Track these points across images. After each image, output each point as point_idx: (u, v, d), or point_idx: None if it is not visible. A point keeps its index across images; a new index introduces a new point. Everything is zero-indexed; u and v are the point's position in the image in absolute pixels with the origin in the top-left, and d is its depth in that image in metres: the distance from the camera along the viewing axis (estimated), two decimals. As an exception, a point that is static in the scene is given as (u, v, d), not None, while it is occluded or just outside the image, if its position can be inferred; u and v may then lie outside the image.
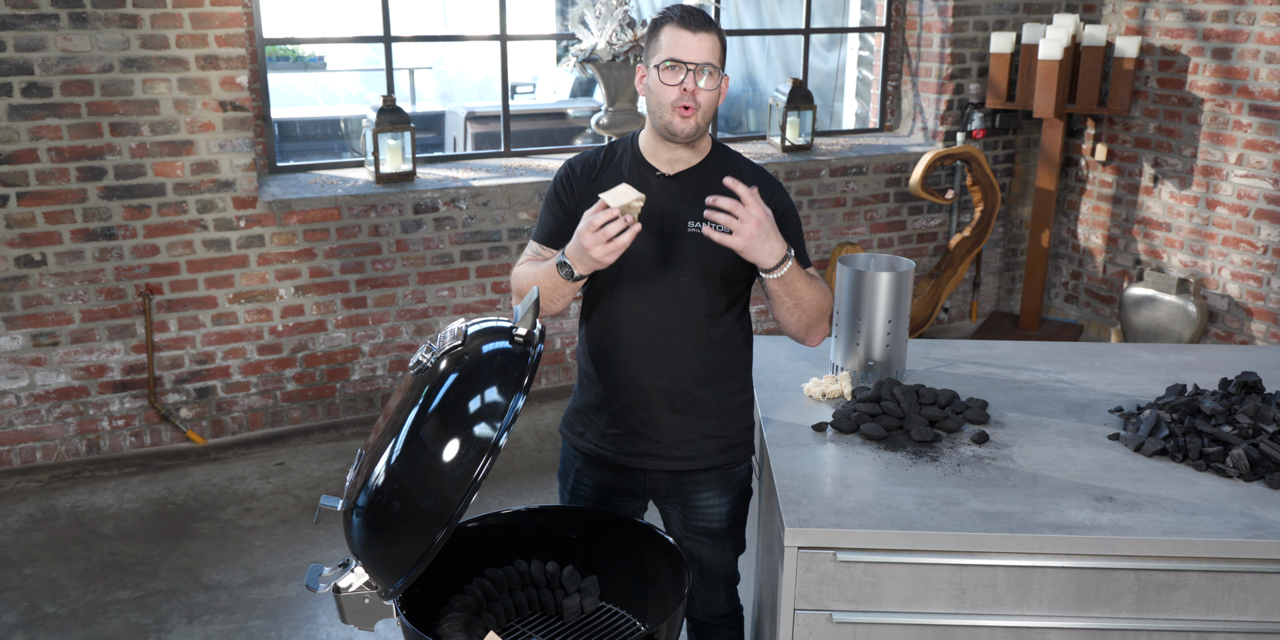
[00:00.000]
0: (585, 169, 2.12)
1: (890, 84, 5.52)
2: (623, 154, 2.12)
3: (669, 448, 2.15)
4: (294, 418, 4.44)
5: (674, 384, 2.11)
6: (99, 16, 3.74)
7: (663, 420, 2.13)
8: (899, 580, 1.90)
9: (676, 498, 2.19)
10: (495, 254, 4.58)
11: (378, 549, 1.75)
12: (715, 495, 2.18)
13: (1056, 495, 2.00)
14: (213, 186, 4.06)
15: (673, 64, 1.97)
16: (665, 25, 1.99)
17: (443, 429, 1.73)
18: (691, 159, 2.07)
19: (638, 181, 2.06)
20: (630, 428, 2.14)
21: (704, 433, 2.15)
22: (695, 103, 1.97)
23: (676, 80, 1.97)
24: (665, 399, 2.12)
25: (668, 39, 1.98)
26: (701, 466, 2.16)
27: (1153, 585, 1.89)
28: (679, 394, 2.12)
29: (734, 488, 2.20)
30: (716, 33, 1.99)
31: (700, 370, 2.11)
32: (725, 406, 2.16)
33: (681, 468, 2.16)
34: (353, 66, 8.96)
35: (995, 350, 2.78)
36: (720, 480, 2.18)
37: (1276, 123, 4.50)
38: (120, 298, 4.04)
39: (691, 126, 1.99)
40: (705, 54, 1.96)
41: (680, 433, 2.14)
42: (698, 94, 1.97)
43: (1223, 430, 2.12)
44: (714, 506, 2.19)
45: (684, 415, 2.13)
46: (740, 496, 2.23)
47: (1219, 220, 4.82)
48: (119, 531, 3.60)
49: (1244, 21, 4.56)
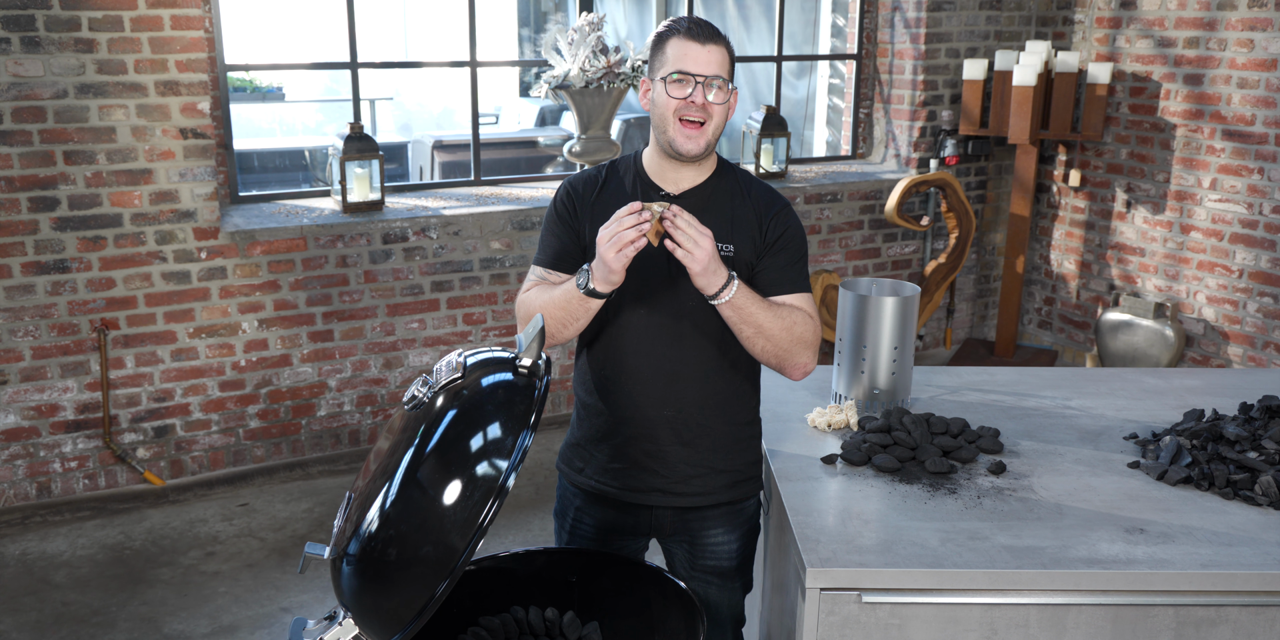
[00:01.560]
0: (587, 187, 2.02)
1: (862, 111, 5.49)
2: (625, 172, 2.02)
3: (676, 483, 2.02)
4: (257, 456, 4.26)
5: (682, 414, 2.00)
6: (53, 40, 3.58)
7: (670, 453, 2.01)
8: (927, 622, 1.78)
9: (683, 535, 2.07)
10: (467, 284, 4.45)
11: (372, 600, 1.60)
12: (724, 532, 2.06)
13: (1085, 528, 1.90)
14: (172, 217, 3.90)
15: (680, 77, 1.87)
16: (672, 37, 1.90)
17: (443, 470, 1.59)
18: (697, 177, 1.98)
19: (642, 201, 1.96)
20: (635, 462, 2.02)
21: (713, 467, 2.03)
22: (707, 115, 1.88)
23: (684, 93, 1.88)
24: (672, 430, 2.00)
25: (675, 51, 1.89)
26: (710, 502, 2.04)
27: (1192, 621, 1.79)
28: (687, 425, 2.00)
29: (743, 523, 2.09)
30: (725, 45, 1.90)
31: (710, 399, 2.00)
32: (734, 438, 2.04)
33: (689, 504, 2.03)
34: (312, 97, 8.82)
35: (997, 377, 2.70)
36: (729, 516, 2.06)
37: (1250, 147, 4.51)
38: (74, 333, 3.85)
39: (700, 146, 1.90)
40: (714, 66, 1.88)
41: (688, 467, 2.02)
42: (708, 107, 1.88)
43: (1249, 456, 2.04)
44: (723, 544, 2.06)
45: (692, 448, 2.01)
46: (749, 533, 2.11)
47: (1193, 245, 4.82)
48: (72, 580, 3.39)
49: (1215, 47, 4.58)
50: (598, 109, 4.60)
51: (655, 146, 1.97)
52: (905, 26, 5.17)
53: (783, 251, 1.99)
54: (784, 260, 1.99)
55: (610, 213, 1.94)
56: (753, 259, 1.98)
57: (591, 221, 1.97)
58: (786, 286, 1.98)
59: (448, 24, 8.73)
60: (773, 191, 2.04)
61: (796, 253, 2.01)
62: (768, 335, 1.90)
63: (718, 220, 1.96)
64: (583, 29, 4.45)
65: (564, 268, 2.00)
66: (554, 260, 2.01)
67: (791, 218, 2.02)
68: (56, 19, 3.57)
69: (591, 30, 4.44)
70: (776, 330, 1.89)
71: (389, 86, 8.75)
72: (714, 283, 1.81)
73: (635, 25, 8.11)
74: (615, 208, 1.95)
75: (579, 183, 2.03)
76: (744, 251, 1.97)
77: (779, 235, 1.98)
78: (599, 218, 1.94)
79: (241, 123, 8.22)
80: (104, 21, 3.64)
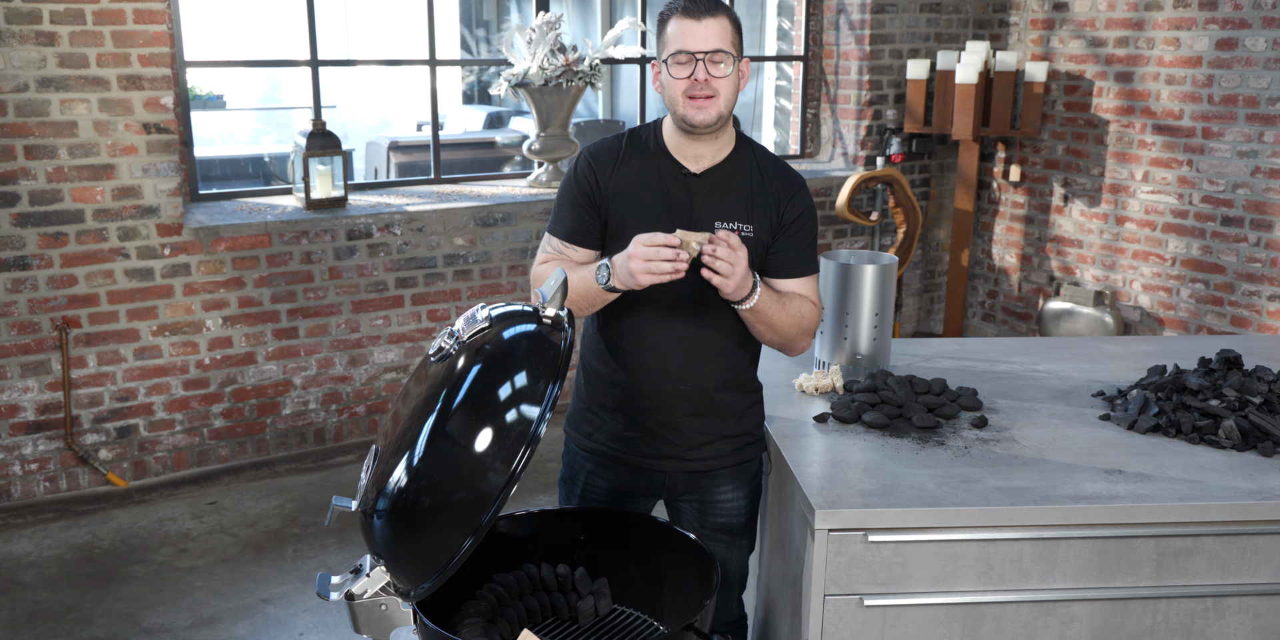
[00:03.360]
0: (609, 156, 2.02)
1: (810, 112, 5.64)
2: (647, 139, 2.03)
3: (689, 450, 2.08)
4: (222, 456, 4.22)
5: (698, 389, 2.04)
6: (13, 33, 3.55)
7: (684, 424, 2.06)
8: (928, 559, 1.88)
9: (694, 494, 2.13)
10: (430, 281, 4.48)
11: (405, 547, 1.64)
12: (733, 488, 2.13)
13: (1068, 471, 2.01)
14: (135, 213, 3.88)
15: (681, 55, 1.90)
16: (671, 17, 1.93)
17: (474, 419, 1.63)
18: (717, 155, 2.00)
19: (664, 177, 1.99)
20: (649, 431, 2.07)
21: (723, 434, 2.09)
22: (712, 90, 1.90)
23: (687, 73, 1.90)
24: (688, 403, 2.05)
25: (674, 30, 1.92)
26: (720, 466, 2.11)
27: (1171, 552, 1.91)
28: (702, 399, 2.05)
29: (749, 480, 2.16)
30: (726, 16, 1.92)
31: (724, 374, 2.06)
32: (743, 406, 2.11)
33: (701, 468, 2.10)
34: (251, 105, 8.75)
35: (967, 346, 2.83)
36: (737, 474, 2.13)
37: (1179, 141, 4.75)
38: (34, 332, 3.79)
39: (712, 116, 1.92)
40: (714, 40, 1.90)
41: (700, 435, 2.08)
42: (712, 82, 1.90)
43: (1211, 404, 2.18)
44: (732, 501, 2.13)
45: (705, 418, 2.07)
46: (754, 491, 2.18)
47: (1128, 235, 5.04)
48: (42, 579, 3.34)
49: (1144, 46, 4.82)
50: (556, 107, 4.67)
51: (671, 123, 1.99)
52: (850, 28, 5.34)
53: (797, 235, 2.02)
54: (797, 244, 2.02)
55: (635, 186, 1.98)
56: (768, 239, 2.01)
57: (614, 196, 1.99)
58: (799, 270, 2.03)
59: (389, 28, 8.74)
60: (789, 171, 2.06)
61: (810, 235, 2.05)
62: (778, 330, 1.98)
63: (737, 201, 1.99)
64: (541, 28, 4.52)
65: (580, 242, 2.02)
66: (571, 233, 2.02)
67: (807, 199, 2.04)
68: (17, 11, 3.55)
69: (549, 29, 4.52)
70: (787, 326, 1.98)
71: (331, 96, 8.72)
72: (740, 294, 1.88)
73: (579, 29, 8.21)
74: (639, 182, 1.98)
75: (600, 153, 2.03)
76: (762, 232, 2.00)
77: (795, 217, 2.01)
78: (620, 194, 1.97)
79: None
80: (65, 14, 3.62)
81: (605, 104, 7.26)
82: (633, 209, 1.99)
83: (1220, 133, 4.58)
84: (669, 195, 1.99)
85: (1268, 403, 2.18)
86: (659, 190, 1.99)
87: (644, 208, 1.98)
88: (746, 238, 1.99)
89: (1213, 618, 1.95)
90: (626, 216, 1.99)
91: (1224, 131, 4.57)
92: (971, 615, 1.91)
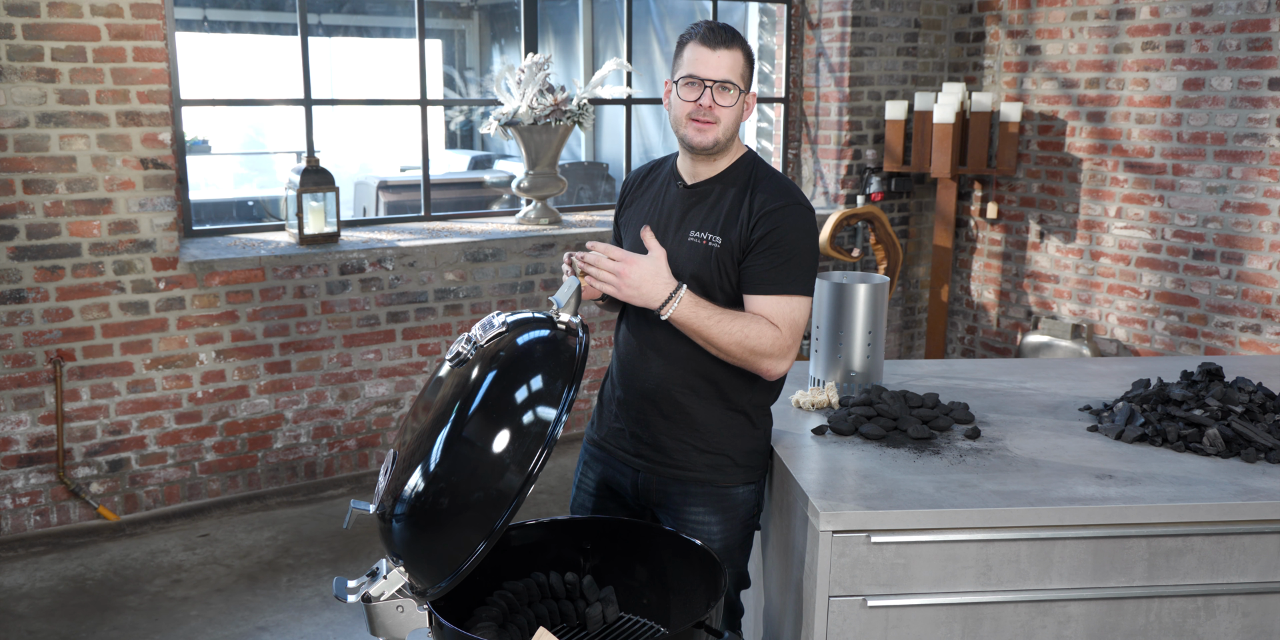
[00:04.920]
0: (635, 176, 2.30)
1: (791, 152, 5.78)
2: (669, 165, 2.23)
3: (656, 452, 2.14)
4: (213, 490, 4.22)
5: (659, 390, 2.11)
6: (15, 70, 3.63)
7: (653, 424, 2.14)
8: (929, 560, 1.93)
9: (668, 508, 2.16)
10: (422, 315, 4.53)
11: (424, 547, 1.68)
12: (706, 512, 2.13)
13: (1060, 476, 2.08)
14: (131, 247, 3.92)
15: (691, 80, 2.02)
16: (689, 42, 2.05)
17: (492, 421, 1.69)
18: (712, 171, 2.12)
19: (666, 191, 2.18)
20: (628, 424, 2.19)
21: (693, 445, 2.12)
22: (714, 118, 2.02)
23: (694, 97, 2.02)
24: (652, 403, 2.13)
25: (689, 55, 2.04)
26: (691, 479, 2.13)
27: (1162, 551, 1.97)
28: (665, 400, 2.11)
29: (728, 509, 2.14)
30: (740, 49, 2.03)
31: (687, 380, 2.09)
32: (719, 422, 2.11)
33: (669, 475, 2.14)
34: (235, 150, 8.84)
35: (955, 367, 2.90)
36: (712, 497, 2.13)
37: (1150, 177, 4.91)
38: (28, 365, 3.81)
39: (709, 140, 2.03)
40: (724, 71, 2.00)
41: (668, 440, 2.13)
42: (715, 110, 2.01)
43: (1195, 414, 2.26)
44: (704, 524, 2.14)
45: (672, 423, 2.12)
46: (732, 520, 2.16)
47: (1103, 270, 5.17)
48: (35, 610, 3.32)
49: (1114, 87, 5.00)
50: (545, 145, 4.78)
51: (679, 142, 2.13)
52: (830, 71, 5.50)
53: (766, 252, 2.01)
54: (766, 262, 2.01)
55: (642, 202, 2.22)
56: (739, 254, 2.05)
57: (630, 211, 2.23)
58: (764, 288, 2.01)
59: (376, 76, 8.88)
60: (781, 190, 2.06)
61: (784, 255, 2.01)
62: (715, 345, 1.98)
63: (711, 214, 2.08)
64: (530, 68, 4.64)
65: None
66: (613, 242, 2.26)
67: (785, 219, 2.02)
68: (19, 48, 3.62)
69: (538, 69, 4.64)
70: (726, 343, 1.97)
71: (316, 141, 8.81)
72: (649, 302, 1.95)
73: (562, 70, 8.37)
74: (647, 198, 2.21)
75: (632, 177, 2.30)
76: (730, 244, 2.05)
77: (765, 234, 2.01)
78: (636, 206, 2.21)
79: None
80: (67, 52, 3.69)
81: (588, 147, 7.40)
82: (635, 221, 2.20)
83: (1190, 169, 4.74)
84: (661, 207, 2.17)
85: (1249, 412, 2.26)
86: (657, 200, 2.18)
87: (642, 215, 2.19)
88: (711, 248, 2.05)
89: (1204, 617, 2.01)
90: (629, 228, 2.21)
91: (1193, 168, 4.73)
92: (971, 616, 1.96)
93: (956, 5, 5.65)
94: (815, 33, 5.57)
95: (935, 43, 5.67)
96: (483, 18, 9.46)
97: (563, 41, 8.41)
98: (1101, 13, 5.00)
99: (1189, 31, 4.67)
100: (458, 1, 9.31)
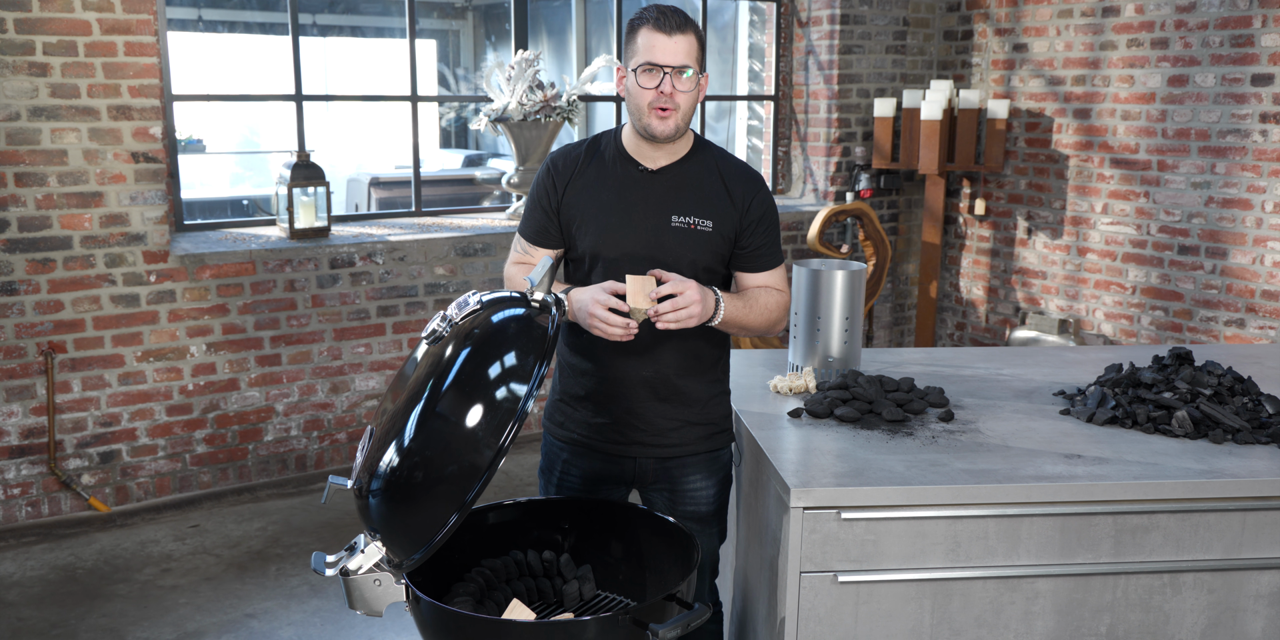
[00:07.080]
0: (567, 164, 2.15)
1: (781, 149, 5.82)
2: (605, 148, 2.15)
3: (655, 435, 2.18)
4: (204, 482, 4.25)
5: (659, 375, 2.15)
6: (6, 64, 3.66)
7: (649, 410, 2.16)
8: (898, 536, 1.96)
9: (664, 483, 2.21)
10: (412, 309, 4.56)
11: (400, 520, 1.71)
12: (702, 478, 2.21)
13: (1030, 456, 2.11)
14: (122, 240, 3.96)
15: (649, 67, 2.02)
16: (642, 27, 2.04)
17: (464, 396, 1.72)
18: (673, 156, 2.12)
19: (621, 175, 2.11)
20: (617, 418, 2.17)
21: (689, 421, 2.19)
22: (674, 104, 2.02)
23: (654, 84, 2.02)
24: (650, 389, 2.15)
25: (644, 41, 2.02)
26: (688, 452, 2.19)
27: (1128, 529, 2.01)
28: (664, 384, 2.15)
29: (719, 470, 2.24)
30: (693, 33, 2.04)
31: (685, 361, 2.16)
32: (708, 395, 2.20)
33: (669, 454, 2.19)
34: (229, 149, 8.88)
35: (935, 355, 2.94)
36: (707, 463, 2.22)
37: (1136, 173, 4.94)
38: (19, 357, 3.84)
39: (670, 127, 2.04)
40: (681, 56, 2.01)
41: (665, 421, 2.17)
42: (675, 96, 2.02)
43: (1164, 396, 2.29)
44: (701, 489, 2.22)
45: (668, 404, 2.16)
46: (724, 480, 2.26)
47: (1090, 266, 5.21)
48: (25, 597, 3.35)
49: (1100, 84, 5.04)
50: (535, 141, 4.81)
51: (632, 128, 2.11)
52: (819, 69, 5.54)
53: (765, 230, 2.14)
54: (761, 239, 2.14)
55: (593, 187, 2.12)
56: (731, 234, 2.12)
57: (572, 199, 2.12)
58: (769, 263, 2.17)
59: (368, 75, 8.91)
60: (749, 171, 2.18)
61: (775, 229, 2.17)
62: (750, 329, 2.13)
63: (695, 197, 2.11)
64: (520, 65, 4.68)
65: (541, 243, 2.18)
66: (534, 235, 2.18)
67: (766, 194, 2.16)
68: (10, 43, 3.66)
69: (528, 66, 4.68)
70: (758, 322, 2.12)
71: (308, 139, 8.86)
72: (705, 318, 2.01)
73: (554, 66, 8.41)
74: (597, 183, 2.12)
75: (559, 160, 2.17)
76: (723, 227, 2.11)
77: (761, 215, 2.13)
78: (579, 193, 2.11)
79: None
80: (58, 46, 3.73)
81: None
82: (591, 207, 2.11)
83: (1175, 165, 4.78)
84: (626, 192, 2.11)
85: (1217, 394, 2.29)
86: (616, 188, 2.11)
87: (601, 205, 2.11)
88: (705, 232, 2.09)
89: (1169, 593, 2.04)
90: (586, 214, 2.11)
91: (1178, 164, 4.76)
92: (941, 591, 1.99)
93: (945, 3, 5.69)
94: (805, 31, 5.61)
95: (924, 40, 5.71)
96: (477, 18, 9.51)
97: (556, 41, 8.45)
98: (1087, 10, 5.04)
99: (1173, 28, 4.71)
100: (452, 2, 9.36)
